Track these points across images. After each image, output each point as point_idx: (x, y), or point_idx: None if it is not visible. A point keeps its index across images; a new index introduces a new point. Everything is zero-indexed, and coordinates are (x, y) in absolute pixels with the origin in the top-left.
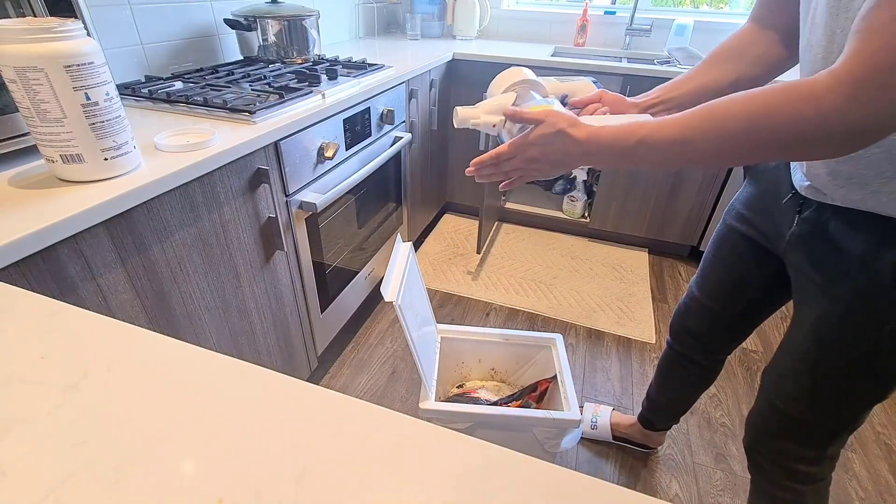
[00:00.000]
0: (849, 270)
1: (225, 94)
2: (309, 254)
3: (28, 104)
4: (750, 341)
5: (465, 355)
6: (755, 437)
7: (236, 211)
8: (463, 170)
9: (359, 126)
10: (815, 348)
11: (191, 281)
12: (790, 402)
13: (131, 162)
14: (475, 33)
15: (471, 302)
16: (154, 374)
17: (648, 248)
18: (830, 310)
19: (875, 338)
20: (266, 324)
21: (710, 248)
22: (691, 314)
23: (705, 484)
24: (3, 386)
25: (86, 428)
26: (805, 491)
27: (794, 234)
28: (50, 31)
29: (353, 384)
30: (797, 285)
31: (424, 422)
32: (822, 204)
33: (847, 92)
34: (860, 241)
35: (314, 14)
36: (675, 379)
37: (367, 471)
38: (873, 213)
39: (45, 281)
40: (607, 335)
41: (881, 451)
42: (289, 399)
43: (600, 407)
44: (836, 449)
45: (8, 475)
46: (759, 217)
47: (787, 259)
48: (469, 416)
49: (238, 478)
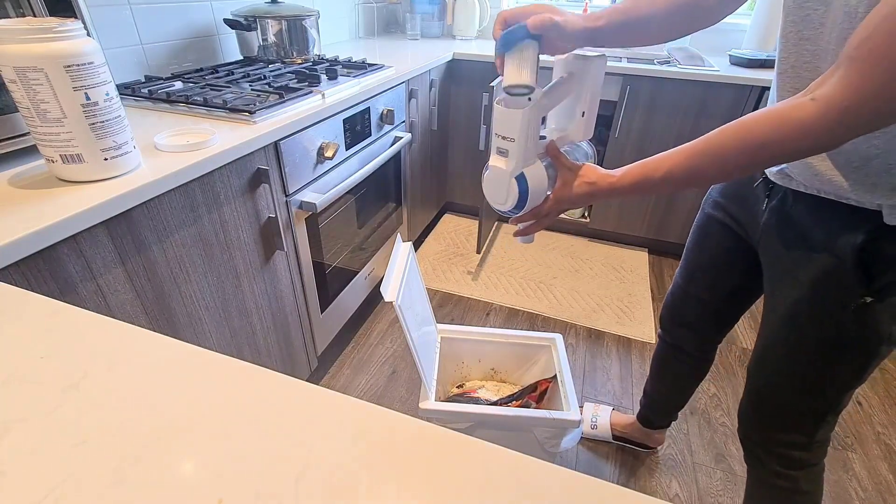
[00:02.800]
0: (813, 255)
1: (225, 94)
2: (309, 254)
3: (28, 104)
4: (749, 340)
5: (465, 355)
6: (746, 426)
7: (236, 211)
8: (463, 169)
9: (359, 126)
10: (789, 333)
11: (191, 281)
12: (773, 388)
13: (131, 162)
14: (475, 33)
15: (471, 302)
16: (154, 375)
17: (648, 248)
18: (799, 294)
19: (841, 318)
20: (266, 324)
21: (690, 237)
22: (678, 304)
23: (705, 484)
24: (3, 386)
25: (86, 428)
26: (799, 476)
27: (765, 224)
28: (50, 31)
29: (353, 384)
30: (769, 273)
31: (424, 422)
32: (787, 191)
33: (838, 118)
34: (823, 226)
35: (314, 14)
36: (669, 372)
37: (367, 471)
38: (833, 199)
39: (45, 281)
40: (607, 335)
41: (881, 451)
42: (289, 399)
43: (600, 407)
44: (825, 433)
45: (8, 475)
46: (734, 205)
47: (760, 248)
48: (469, 416)
49: (238, 478)
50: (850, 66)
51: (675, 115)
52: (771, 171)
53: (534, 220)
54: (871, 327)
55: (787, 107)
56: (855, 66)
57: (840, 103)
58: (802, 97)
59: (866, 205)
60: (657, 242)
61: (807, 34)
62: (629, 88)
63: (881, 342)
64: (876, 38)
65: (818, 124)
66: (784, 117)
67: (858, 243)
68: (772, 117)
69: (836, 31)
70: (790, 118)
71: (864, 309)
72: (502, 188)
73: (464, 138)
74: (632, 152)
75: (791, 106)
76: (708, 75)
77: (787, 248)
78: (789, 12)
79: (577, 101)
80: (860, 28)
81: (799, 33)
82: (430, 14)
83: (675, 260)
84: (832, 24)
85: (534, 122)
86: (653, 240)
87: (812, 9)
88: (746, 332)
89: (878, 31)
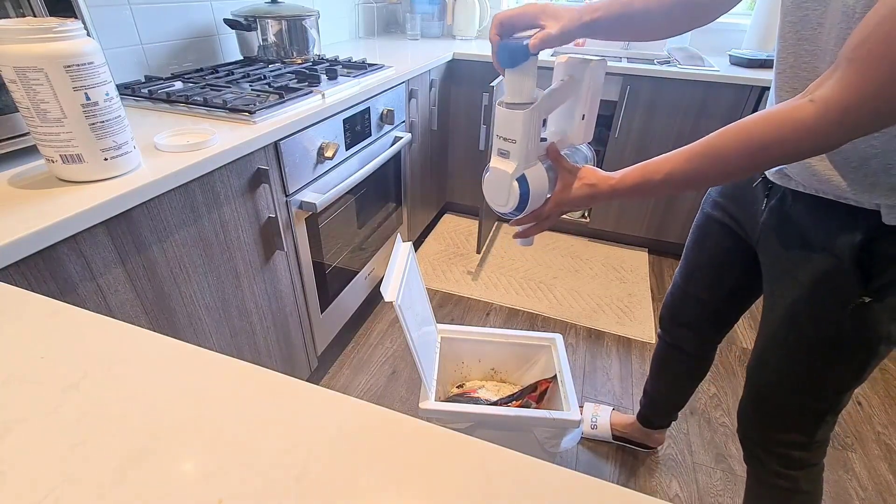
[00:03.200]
0: (812, 255)
1: (225, 94)
2: (309, 254)
3: (28, 104)
4: (749, 340)
5: (465, 355)
6: (746, 426)
7: (236, 211)
8: (463, 169)
9: (359, 126)
10: (788, 333)
11: (191, 281)
12: (772, 388)
13: (131, 162)
14: (475, 33)
15: (471, 302)
16: (154, 375)
17: (648, 248)
18: (798, 294)
19: (839, 318)
20: (266, 324)
21: (690, 237)
22: (678, 304)
23: (705, 484)
24: (3, 386)
25: (86, 428)
26: (799, 476)
27: (764, 224)
28: (50, 31)
29: (353, 384)
30: (768, 273)
31: (424, 422)
32: (786, 191)
33: (838, 119)
34: (822, 226)
35: (314, 14)
36: (668, 371)
37: (367, 471)
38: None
39: (45, 281)
40: (607, 335)
41: (881, 451)
42: (289, 399)
43: (600, 407)
44: (824, 433)
45: (8, 475)
46: (734, 204)
47: (759, 248)
48: (469, 416)
49: (238, 478)
50: (848, 68)
51: (675, 116)
52: (770, 171)
53: (534, 223)
54: (870, 327)
55: (787, 108)
56: (854, 67)
57: (839, 104)
58: (802, 99)
59: (865, 205)
60: (657, 242)
61: (805, 34)
62: (629, 88)
63: (880, 342)
64: (874, 40)
65: (818, 125)
66: (784, 119)
67: (857, 243)
68: (771, 119)
69: (835, 31)
70: (790, 119)
71: (862, 309)
72: (503, 190)
73: (464, 138)
74: (632, 152)
75: (790, 107)
76: (708, 75)
77: (785, 248)
78: (787, 12)
79: (577, 104)
80: (858, 29)
81: (797, 33)
82: (430, 14)
83: (675, 260)
84: (830, 24)
85: (535, 123)
86: (653, 240)
87: (810, 9)
88: (746, 332)
89: (877, 32)
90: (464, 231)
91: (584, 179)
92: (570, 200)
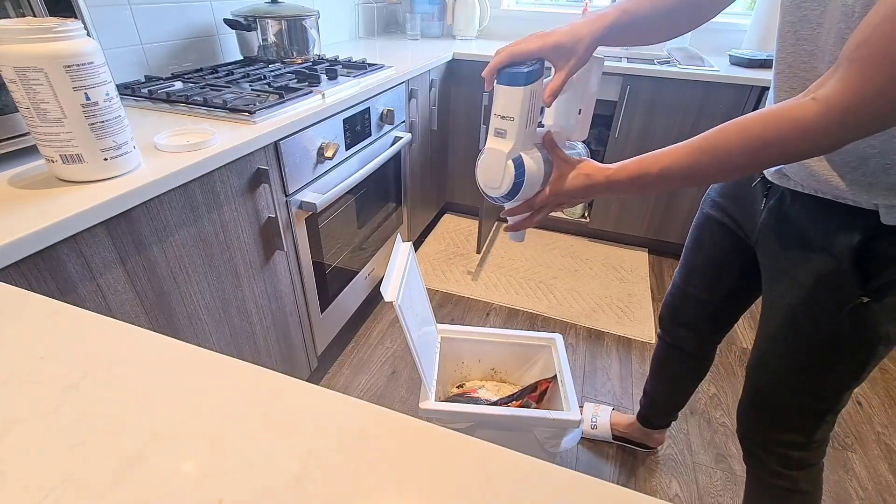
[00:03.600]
0: (811, 255)
1: (225, 94)
2: (309, 254)
3: (28, 104)
4: (749, 340)
5: (465, 355)
6: (746, 426)
7: (236, 211)
8: (463, 169)
9: (359, 126)
10: (787, 333)
11: (191, 281)
12: (771, 388)
13: (131, 162)
14: (475, 33)
15: (471, 302)
16: (154, 375)
17: (648, 248)
18: (797, 294)
19: (838, 318)
20: (266, 324)
21: (689, 237)
22: (677, 304)
23: (705, 484)
24: (3, 386)
25: (85, 428)
26: (799, 476)
27: (763, 224)
28: (50, 31)
29: (353, 384)
30: (767, 273)
31: (424, 422)
32: (785, 191)
33: (839, 119)
34: (820, 226)
35: (314, 14)
36: (668, 371)
37: (367, 471)
38: (831, 199)
39: (45, 281)
40: (607, 335)
41: (881, 451)
42: (289, 399)
43: (600, 407)
44: (824, 433)
45: (8, 475)
46: (733, 204)
47: (758, 248)
48: (469, 416)
49: (238, 478)
50: (850, 68)
51: (675, 115)
52: (769, 171)
53: (527, 213)
54: (869, 327)
55: (788, 106)
56: (855, 67)
57: (840, 104)
58: (803, 97)
59: (863, 205)
60: (657, 242)
61: (804, 34)
62: (629, 88)
63: (879, 342)
64: (875, 40)
65: (819, 124)
66: (785, 116)
67: (855, 243)
68: (772, 117)
69: (834, 31)
70: (791, 117)
71: (861, 309)
72: (498, 171)
73: (464, 138)
74: (632, 152)
75: (792, 106)
76: (708, 75)
77: (784, 248)
78: (787, 12)
79: (575, 98)
80: (859, 29)
81: (796, 33)
82: (430, 14)
83: (675, 260)
84: (829, 24)
85: (534, 101)
86: (653, 240)
87: (809, 9)
88: (746, 332)
89: (877, 33)
90: (464, 231)
91: (580, 170)
92: (565, 190)
